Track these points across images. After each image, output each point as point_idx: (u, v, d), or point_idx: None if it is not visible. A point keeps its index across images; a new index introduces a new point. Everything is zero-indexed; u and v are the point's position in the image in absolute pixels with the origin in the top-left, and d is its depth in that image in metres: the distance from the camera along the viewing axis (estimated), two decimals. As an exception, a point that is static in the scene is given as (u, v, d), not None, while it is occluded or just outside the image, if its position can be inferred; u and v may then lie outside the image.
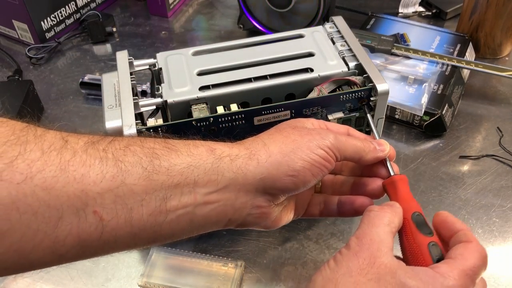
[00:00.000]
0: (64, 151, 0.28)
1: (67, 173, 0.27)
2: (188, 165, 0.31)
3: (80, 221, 0.28)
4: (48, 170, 0.27)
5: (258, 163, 0.33)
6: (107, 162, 0.29)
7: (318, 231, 0.50)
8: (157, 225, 0.30)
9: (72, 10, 0.81)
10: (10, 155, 0.26)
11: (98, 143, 0.30)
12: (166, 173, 0.30)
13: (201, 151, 0.32)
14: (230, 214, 0.33)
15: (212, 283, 0.44)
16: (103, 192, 0.28)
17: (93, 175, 0.28)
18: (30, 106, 0.64)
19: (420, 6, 0.83)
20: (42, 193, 0.26)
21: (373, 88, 0.42)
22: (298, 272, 0.47)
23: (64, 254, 0.28)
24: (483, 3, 0.68)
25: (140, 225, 0.30)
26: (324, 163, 0.34)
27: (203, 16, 0.86)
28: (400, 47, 0.66)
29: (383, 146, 0.38)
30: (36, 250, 0.27)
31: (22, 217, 0.26)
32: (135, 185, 0.29)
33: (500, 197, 0.54)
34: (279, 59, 0.45)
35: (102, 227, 0.28)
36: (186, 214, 0.31)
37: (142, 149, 0.31)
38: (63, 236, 0.27)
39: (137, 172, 0.30)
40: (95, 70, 0.74)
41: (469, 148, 0.59)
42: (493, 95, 0.67)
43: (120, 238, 0.29)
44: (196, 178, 0.31)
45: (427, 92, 0.60)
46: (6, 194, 0.26)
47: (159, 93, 0.42)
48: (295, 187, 0.34)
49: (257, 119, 0.41)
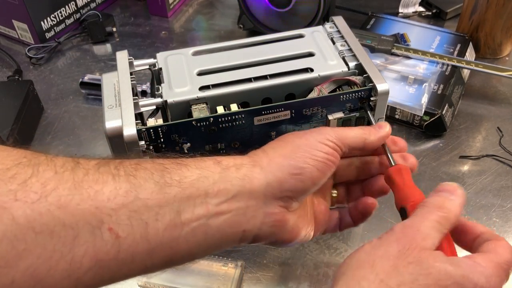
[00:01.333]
0: (77, 170, 0.28)
1: (81, 190, 0.27)
2: (198, 176, 0.31)
3: (96, 239, 0.27)
4: (62, 188, 0.27)
5: (262, 169, 0.33)
6: (119, 179, 0.29)
7: (318, 231, 0.50)
8: (173, 240, 0.30)
9: (72, 10, 0.81)
10: (24, 176, 0.26)
11: (109, 163, 0.30)
12: (178, 186, 0.30)
13: (209, 164, 0.33)
14: (243, 224, 0.33)
15: (212, 283, 0.44)
16: (118, 208, 0.28)
17: (106, 191, 0.28)
18: (30, 106, 0.64)
19: (420, 6, 0.83)
20: (57, 211, 0.26)
21: (373, 88, 0.42)
22: (298, 272, 0.47)
23: (81, 277, 0.27)
24: (483, 3, 0.68)
25: (156, 241, 0.29)
26: (328, 157, 0.34)
27: (203, 16, 0.86)
28: (400, 47, 0.66)
29: (383, 127, 0.38)
30: (52, 273, 0.26)
31: (38, 237, 0.26)
32: (149, 199, 0.29)
33: (500, 197, 0.54)
34: (279, 59, 0.45)
35: (119, 244, 0.28)
36: (200, 227, 0.31)
37: (153, 165, 0.31)
38: (79, 256, 0.27)
39: (149, 187, 0.29)
40: (95, 70, 0.74)
41: (469, 148, 0.59)
42: (493, 95, 0.67)
43: (137, 256, 0.29)
44: (207, 189, 0.31)
45: (427, 92, 0.60)
46: (21, 213, 0.25)
47: (159, 93, 0.42)
48: (303, 185, 0.34)
49: (257, 119, 0.41)
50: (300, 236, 0.36)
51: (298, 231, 0.36)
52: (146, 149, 0.39)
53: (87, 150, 0.61)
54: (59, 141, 0.63)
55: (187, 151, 0.40)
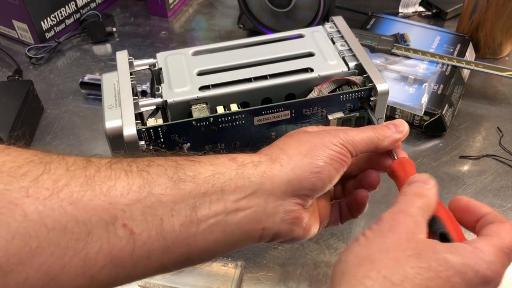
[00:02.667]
0: (89, 167, 0.28)
1: (93, 186, 0.27)
2: (212, 173, 0.31)
3: (110, 236, 0.27)
4: (74, 184, 0.27)
5: (282, 166, 0.33)
6: (132, 175, 0.29)
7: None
8: (190, 236, 0.30)
9: (72, 10, 0.81)
10: (35, 173, 0.26)
11: (121, 160, 0.30)
12: (193, 181, 0.30)
13: (223, 160, 0.32)
14: (263, 222, 0.32)
15: (212, 283, 0.44)
16: (131, 204, 0.28)
17: (119, 187, 0.28)
18: (30, 106, 0.64)
19: (420, 6, 0.83)
20: (70, 207, 0.26)
21: (373, 88, 0.42)
22: (298, 272, 0.47)
23: (96, 275, 0.27)
24: (483, 3, 0.68)
25: (172, 237, 0.29)
26: (342, 157, 0.34)
27: (203, 16, 0.86)
28: (400, 47, 0.66)
29: (401, 127, 0.37)
30: (66, 270, 0.26)
31: (51, 233, 0.25)
32: (163, 195, 0.29)
33: (500, 197, 0.54)
34: (279, 59, 0.45)
35: (134, 241, 0.28)
36: (218, 223, 0.30)
37: (166, 161, 0.31)
38: (93, 253, 0.26)
39: (163, 182, 0.29)
40: (95, 70, 0.74)
41: (469, 148, 0.59)
42: (493, 95, 0.67)
43: (153, 252, 0.28)
44: (223, 185, 0.31)
45: (427, 92, 0.60)
46: (33, 209, 0.25)
47: (159, 93, 0.42)
48: (322, 184, 0.34)
49: (257, 119, 0.41)
50: (311, 232, 0.36)
51: (310, 227, 0.36)
52: (146, 149, 0.39)
53: (87, 150, 0.61)
54: (59, 141, 0.63)
55: (187, 151, 0.40)
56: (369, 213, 0.43)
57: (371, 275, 0.28)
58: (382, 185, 0.39)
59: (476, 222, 0.32)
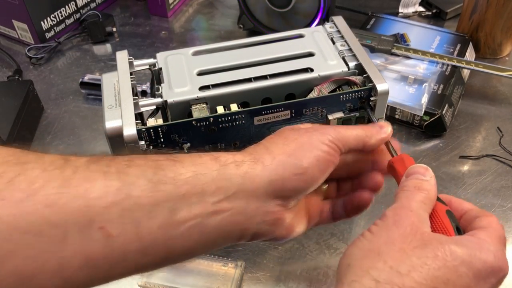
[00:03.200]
0: (66, 168, 0.27)
1: (69, 189, 0.27)
2: (194, 174, 0.30)
3: (87, 238, 0.27)
4: (50, 187, 0.26)
5: (264, 166, 0.32)
6: (110, 176, 0.28)
7: (318, 231, 0.50)
8: (168, 238, 0.29)
9: (72, 10, 0.81)
10: (10, 174, 0.26)
11: (100, 160, 0.29)
12: (172, 183, 0.30)
13: (205, 160, 0.32)
14: (242, 223, 0.32)
15: (212, 283, 0.44)
16: (109, 206, 0.27)
17: (97, 189, 0.27)
18: (30, 106, 0.64)
19: (420, 6, 0.83)
20: (45, 210, 0.26)
21: (373, 88, 0.42)
22: (298, 272, 0.47)
23: (71, 277, 0.27)
24: (483, 3, 0.68)
25: (150, 239, 0.29)
26: (329, 158, 0.34)
27: (203, 16, 0.86)
28: (400, 47, 0.66)
29: (385, 127, 0.38)
30: (41, 273, 0.26)
31: (25, 236, 0.25)
32: (141, 197, 0.28)
33: (500, 197, 0.54)
34: (279, 59, 0.45)
35: (110, 243, 0.27)
36: (197, 225, 0.30)
37: (146, 162, 0.30)
38: (69, 256, 0.26)
39: (142, 184, 0.29)
40: (95, 70, 0.74)
41: (469, 148, 0.59)
42: (493, 95, 0.67)
43: (129, 254, 0.28)
44: (204, 186, 0.30)
45: (427, 92, 0.60)
46: (7, 213, 0.25)
47: (159, 93, 0.42)
48: (305, 185, 0.33)
49: (257, 119, 0.41)
50: (295, 232, 0.36)
51: (293, 227, 0.36)
52: (146, 149, 0.39)
53: (87, 150, 0.61)
54: (59, 141, 0.63)
55: (187, 151, 0.40)
56: (369, 213, 0.43)
57: (377, 266, 0.28)
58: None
59: (459, 219, 0.33)
